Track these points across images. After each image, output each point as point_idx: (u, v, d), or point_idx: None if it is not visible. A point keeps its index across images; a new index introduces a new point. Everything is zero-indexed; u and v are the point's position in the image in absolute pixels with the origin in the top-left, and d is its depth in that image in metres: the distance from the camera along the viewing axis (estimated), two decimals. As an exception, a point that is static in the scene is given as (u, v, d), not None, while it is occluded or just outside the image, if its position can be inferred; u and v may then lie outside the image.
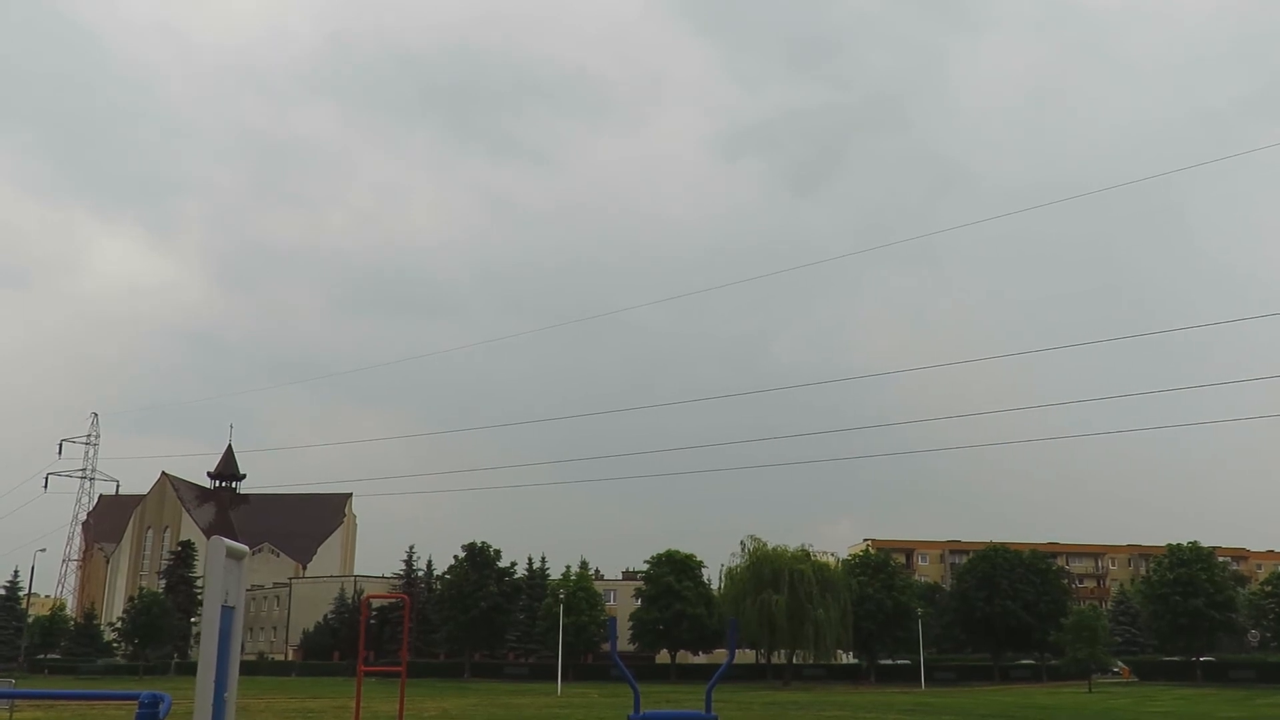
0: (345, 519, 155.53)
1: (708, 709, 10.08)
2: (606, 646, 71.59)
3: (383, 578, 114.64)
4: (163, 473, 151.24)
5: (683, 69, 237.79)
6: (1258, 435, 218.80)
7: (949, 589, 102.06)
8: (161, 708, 8.12)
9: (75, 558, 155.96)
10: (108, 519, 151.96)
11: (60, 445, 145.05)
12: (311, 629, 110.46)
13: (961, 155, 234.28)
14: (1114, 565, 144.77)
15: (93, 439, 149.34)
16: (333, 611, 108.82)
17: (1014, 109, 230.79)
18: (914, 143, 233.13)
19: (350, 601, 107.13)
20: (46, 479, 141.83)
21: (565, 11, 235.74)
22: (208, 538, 8.45)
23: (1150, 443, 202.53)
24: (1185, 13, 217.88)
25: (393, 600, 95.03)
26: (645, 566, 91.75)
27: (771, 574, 77.51)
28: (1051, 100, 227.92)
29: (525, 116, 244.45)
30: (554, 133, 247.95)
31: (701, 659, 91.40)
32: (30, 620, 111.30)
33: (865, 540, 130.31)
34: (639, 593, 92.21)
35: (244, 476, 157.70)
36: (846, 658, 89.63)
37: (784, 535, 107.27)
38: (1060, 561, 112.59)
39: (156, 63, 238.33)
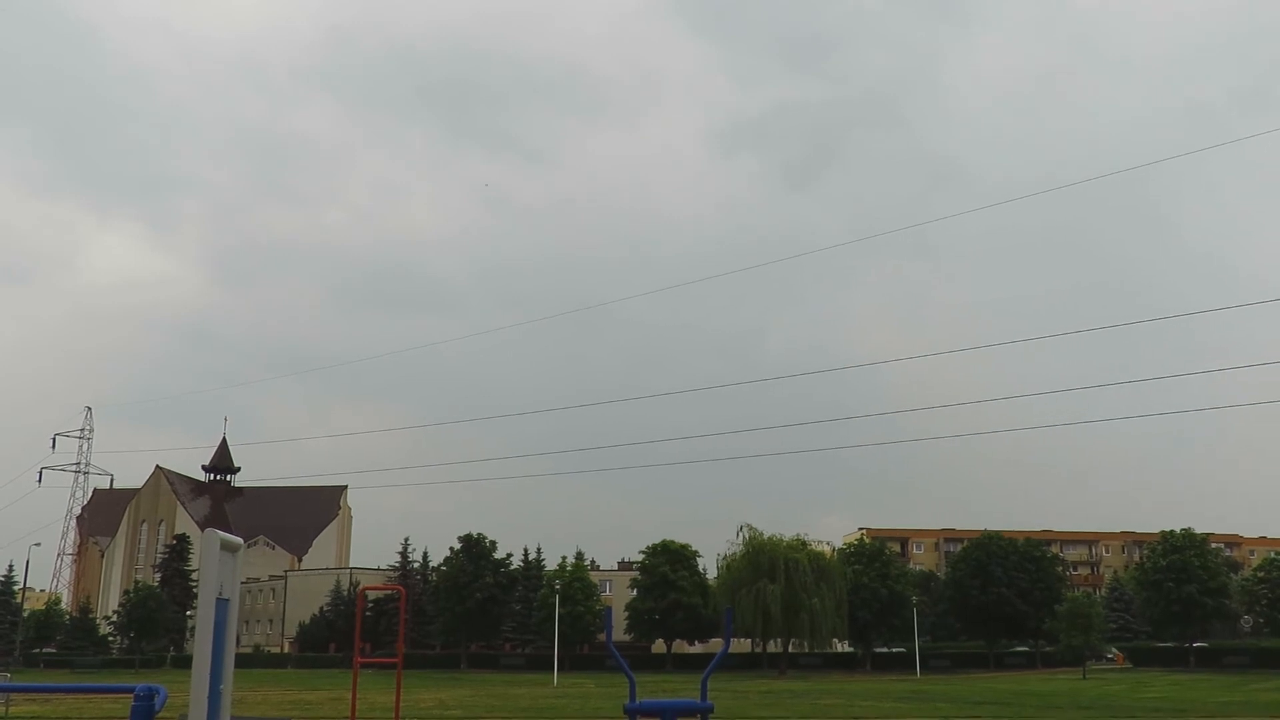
0: (340, 512, 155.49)
1: (703, 698, 10.09)
2: (602, 637, 71.73)
3: (378, 570, 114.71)
4: (157, 466, 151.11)
5: (679, 66, 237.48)
6: (1251, 422, 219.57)
7: (944, 577, 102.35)
8: (157, 700, 8.11)
9: (70, 552, 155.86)
10: (102, 513, 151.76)
11: (54, 439, 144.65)
12: (307, 621, 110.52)
13: (956, 151, 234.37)
14: (1108, 552, 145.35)
15: (87, 433, 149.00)
16: (329, 604, 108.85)
17: (1009, 105, 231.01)
18: (909, 138, 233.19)
19: (346, 594, 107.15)
20: (40, 473, 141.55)
21: (563, 9, 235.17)
22: (202, 531, 8.41)
23: (1144, 431, 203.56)
24: (1178, 8, 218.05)
25: (389, 592, 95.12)
26: (641, 557, 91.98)
27: (767, 563, 77.69)
28: (1046, 96, 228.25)
29: (522, 113, 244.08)
30: (551, 129, 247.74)
31: (697, 648, 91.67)
32: (26, 615, 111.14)
33: (860, 529, 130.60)
34: (635, 583, 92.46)
35: (239, 470, 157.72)
36: (842, 646, 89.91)
37: (779, 525, 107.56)
38: (1054, 549, 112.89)
39: (154, 58, 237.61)
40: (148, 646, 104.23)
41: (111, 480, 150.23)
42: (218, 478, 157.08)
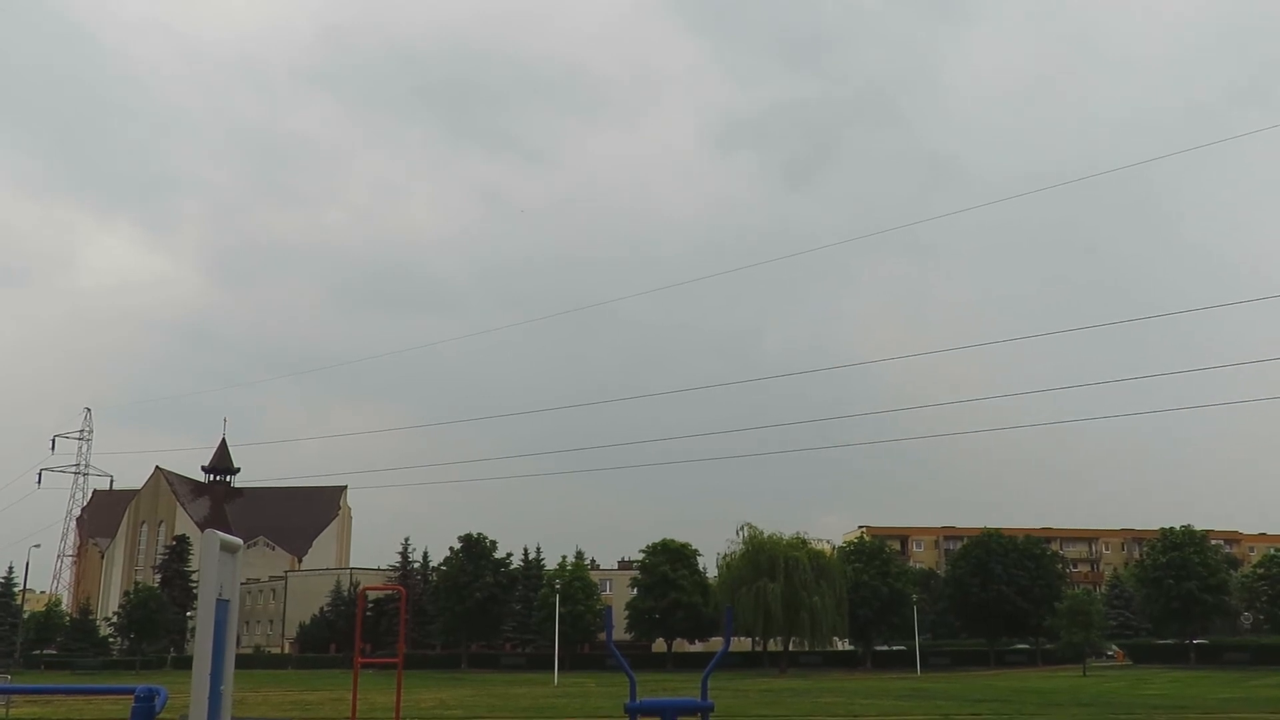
0: (340, 512, 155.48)
1: (704, 697, 10.10)
2: (603, 636, 71.76)
3: (379, 570, 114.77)
4: (156, 467, 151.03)
5: (678, 65, 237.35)
6: (1250, 419, 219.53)
7: (944, 575, 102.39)
8: (157, 701, 8.11)
9: (70, 553, 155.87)
10: (102, 514, 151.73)
11: (53, 441, 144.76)
12: (308, 622, 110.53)
13: (955, 149, 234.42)
14: (1108, 549, 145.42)
15: (86, 434, 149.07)
16: (329, 604, 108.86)
17: (1007, 103, 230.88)
18: (908, 137, 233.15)
19: (346, 594, 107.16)
20: (40, 474, 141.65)
21: (562, 9, 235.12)
22: (202, 532, 8.40)
23: (1143, 427, 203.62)
24: (1177, 7, 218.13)
25: (389, 592, 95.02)
26: (641, 556, 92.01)
27: (767, 562, 77.74)
28: (1045, 94, 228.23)
29: (522, 113, 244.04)
30: (551, 129, 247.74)
31: (698, 647, 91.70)
32: (26, 616, 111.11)
33: (860, 527, 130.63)
34: (635, 582, 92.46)
35: (238, 470, 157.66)
36: (842, 645, 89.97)
37: (779, 524, 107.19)
38: (1054, 546, 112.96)
39: (154, 59, 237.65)
40: (148, 648, 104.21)
41: (111, 481, 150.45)
42: (217, 478, 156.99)
